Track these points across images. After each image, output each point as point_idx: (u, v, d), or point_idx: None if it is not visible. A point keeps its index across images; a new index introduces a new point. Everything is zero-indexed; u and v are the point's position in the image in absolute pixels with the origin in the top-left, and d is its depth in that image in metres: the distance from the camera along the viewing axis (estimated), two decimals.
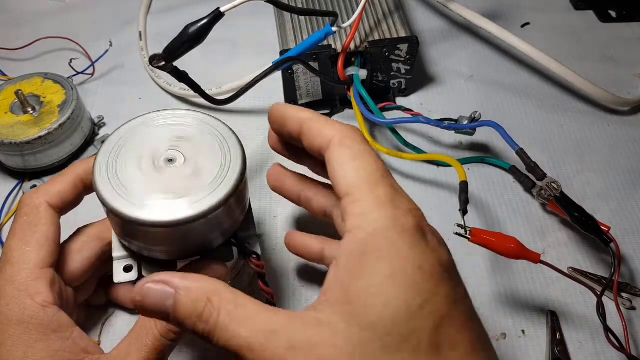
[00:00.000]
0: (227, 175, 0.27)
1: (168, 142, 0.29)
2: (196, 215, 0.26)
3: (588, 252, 0.40)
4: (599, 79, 0.49)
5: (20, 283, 0.27)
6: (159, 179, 0.27)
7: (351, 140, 0.26)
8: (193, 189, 0.27)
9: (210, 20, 0.34)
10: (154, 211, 0.26)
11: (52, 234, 0.29)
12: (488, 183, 0.45)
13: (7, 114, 0.43)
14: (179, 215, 0.26)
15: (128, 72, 0.54)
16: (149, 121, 0.30)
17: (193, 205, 0.26)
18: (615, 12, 0.59)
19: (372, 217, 0.23)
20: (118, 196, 0.26)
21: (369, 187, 0.24)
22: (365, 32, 0.47)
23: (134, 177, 0.27)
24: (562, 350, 0.35)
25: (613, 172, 0.46)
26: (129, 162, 0.28)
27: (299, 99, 0.49)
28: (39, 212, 0.29)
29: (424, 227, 0.23)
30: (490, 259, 0.40)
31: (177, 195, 0.26)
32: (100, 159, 0.28)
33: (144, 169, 0.27)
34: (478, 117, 0.43)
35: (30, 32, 0.56)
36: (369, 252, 0.22)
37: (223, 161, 0.28)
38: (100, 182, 0.27)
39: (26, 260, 0.28)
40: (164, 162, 0.28)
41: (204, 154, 0.28)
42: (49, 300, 0.28)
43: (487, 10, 0.58)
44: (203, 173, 0.28)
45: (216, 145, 0.29)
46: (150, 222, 0.26)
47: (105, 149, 0.28)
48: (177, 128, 0.30)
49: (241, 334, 0.21)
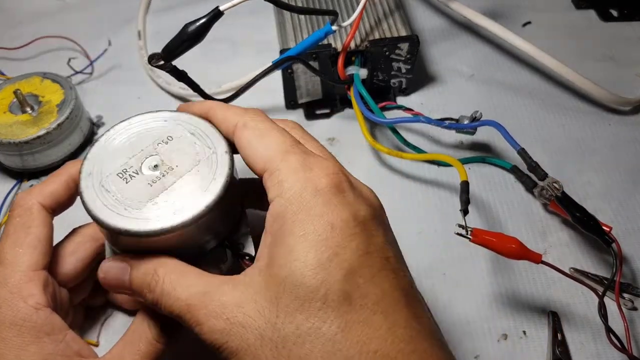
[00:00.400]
0: (215, 180, 0.27)
1: (154, 147, 0.28)
2: (184, 222, 0.25)
3: (589, 252, 0.40)
4: (600, 78, 0.49)
5: (13, 285, 0.27)
6: (144, 187, 0.26)
7: (254, 121, 0.27)
8: (180, 195, 0.26)
9: (210, 19, 0.34)
10: (139, 221, 0.25)
11: (45, 235, 0.29)
12: (489, 183, 0.45)
13: (6, 114, 0.43)
14: (166, 223, 0.25)
15: (127, 72, 0.54)
16: (144, 121, 0.29)
17: (181, 212, 0.25)
18: (616, 11, 0.59)
19: (287, 184, 0.24)
20: (103, 206, 0.26)
21: (280, 158, 0.25)
22: (366, 31, 0.46)
23: (119, 185, 0.26)
24: (564, 351, 0.35)
25: (614, 171, 0.45)
26: (113, 169, 0.27)
27: (299, 98, 0.49)
28: (31, 213, 0.29)
29: (340, 185, 0.25)
30: (492, 260, 0.40)
31: (163, 202, 0.26)
32: (85, 167, 0.27)
33: (127, 174, 0.27)
34: (479, 117, 0.43)
35: (29, 32, 0.55)
36: (287, 217, 0.24)
37: (211, 166, 0.27)
38: (83, 181, 0.27)
39: (19, 262, 0.28)
40: (150, 169, 0.27)
41: (190, 158, 0.27)
42: (42, 303, 0.27)
43: (488, 9, 0.58)
44: (189, 178, 0.27)
45: (204, 149, 0.28)
46: (135, 232, 0.25)
47: (92, 153, 0.28)
48: (164, 132, 0.29)
49: (180, 297, 0.24)
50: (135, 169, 0.27)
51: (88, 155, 0.28)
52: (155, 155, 0.28)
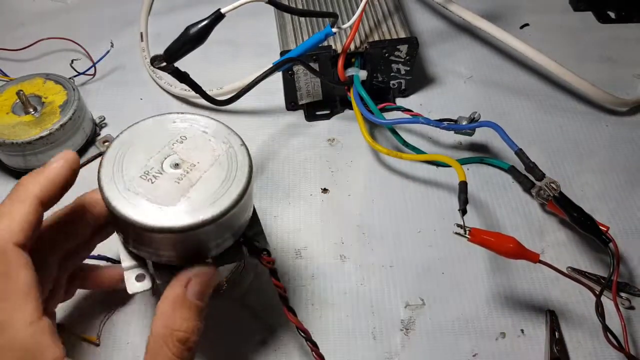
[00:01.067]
0: (240, 169, 0.28)
1: (174, 147, 0.29)
2: (228, 206, 0.26)
3: (587, 252, 0.41)
4: (598, 80, 0.49)
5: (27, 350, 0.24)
6: (171, 185, 0.27)
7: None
8: (211, 187, 0.27)
9: (211, 21, 0.35)
10: (165, 217, 0.26)
11: (31, 278, 0.25)
12: (487, 183, 0.45)
13: (9, 115, 0.44)
14: (190, 220, 0.26)
15: (129, 73, 0.55)
16: (153, 125, 0.30)
17: (220, 201, 0.26)
18: (614, 13, 0.59)
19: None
20: (127, 203, 0.26)
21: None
22: (365, 33, 0.47)
23: (141, 183, 0.27)
24: (561, 350, 0.36)
25: (612, 172, 0.46)
26: (134, 167, 0.27)
27: (299, 100, 0.49)
28: (7, 258, 0.24)
29: None
30: (490, 259, 0.40)
31: (196, 195, 0.26)
32: (105, 166, 0.27)
33: (151, 175, 0.27)
34: (477, 118, 0.43)
35: (32, 33, 0.56)
36: None
37: (230, 158, 0.28)
38: (108, 191, 0.26)
39: (15, 322, 0.24)
40: (171, 167, 0.28)
41: (209, 154, 0.28)
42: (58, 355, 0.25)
43: (486, 11, 0.58)
44: (214, 171, 0.28)
45: (220, 145, 0.29)
46: (161, 228, 0.25)
47: (110, 154, 0.28)
48: (177, 132, 0.29)
49: None
50: (158, 170, 0.27)
51: (103, 161, 0.28)
52: (174, 154, 0.28)
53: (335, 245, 0.41)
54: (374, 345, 0.37)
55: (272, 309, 0.37)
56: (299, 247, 0.41)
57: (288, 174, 0.46)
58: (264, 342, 0.37)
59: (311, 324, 0.37)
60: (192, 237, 0.26)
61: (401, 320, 0.38)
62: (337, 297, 0.39)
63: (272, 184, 0.45)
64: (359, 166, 0.46)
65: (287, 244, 0.41)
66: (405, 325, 0.37)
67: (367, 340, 0.37)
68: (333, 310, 0.38)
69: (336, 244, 0.41)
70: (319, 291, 0.39)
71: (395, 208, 0.44)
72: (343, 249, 0.41)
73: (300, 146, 0.48)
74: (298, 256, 0.41)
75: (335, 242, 0.42)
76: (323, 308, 0.38)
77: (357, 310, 0.38)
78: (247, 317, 0.38)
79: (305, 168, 0.46)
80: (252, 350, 0.36)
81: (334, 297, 0.39)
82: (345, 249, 0.41)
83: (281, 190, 0.45)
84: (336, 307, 0.38)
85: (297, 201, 0.44)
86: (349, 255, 0.41)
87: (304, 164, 0.47)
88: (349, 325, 0.37)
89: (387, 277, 0.40)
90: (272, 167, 0.46)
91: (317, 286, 0.39)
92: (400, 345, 0.37)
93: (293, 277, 0.40)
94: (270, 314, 0.37)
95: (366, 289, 0.39)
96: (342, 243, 0.42)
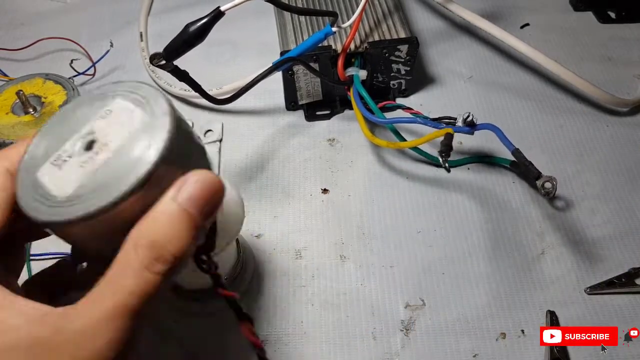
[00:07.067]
0: (150, 147, 0.21)
1: (97, 123, 0.23)
2: (73, 218, 0.20)
3: (586, 253, 0.41)
4: (598, 80, 0.49)
5: None
6: (71, 170, 0.22)
7: None
8: (110, 173, 0.21)
9: (211, 19, 0.35)
10: (48, 210, 0.21)
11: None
12: (487, 183, 0.45)
13: (8, 115, 0.44)
14: (81, 210, 0.20)
15: (129, 73, 0.54)
16: (88, 100, 0.24)
17: (105, 189, 0.21)
18: (614, 13, 0.59)
19: None
20: (28, 194, 0.22)
21: None
22: (365, 33, 0.47)
23: (49, 170, 0.22)
24: (561, 350, 0.36)
25: (612, 172, 0.46)
26: (51, 151, 0.23)
27: (299, 99, 0.49)
28: None
29: None
30: (490, 259, 0.40)
31: (79, 188, 0.21)
32: (28, 152, 0.23)
33: (61, 160, 0.23)
34: (471, 118, 0.43)
35: (32, 33, 0.56)
36: None
37: (147, 133, 0.22)
38: (18, 179, 0.22)
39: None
40: (83, 148, 0.23)
41: (126, 130, 0.23)
42: None
43: (486, 11, 0.58)
44: (123, 152, 0.22)
45: (142, 117, 0.23)
46: (44, 223, 0.21)
47: (35, 140, 0.24)
48: (113, 105, 0.24)
49: None
50: (69, 153, 0.23)
51: (28, 147, 0.23)
52: (93, 133, 0.23)
53: (335, 245, 0.41)
54: (374, 346, 0.36)
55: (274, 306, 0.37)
56: (299, 247, 0.41)
57: (288, 174, 0.46)
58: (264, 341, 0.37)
59: (311, 325, 0.37)
60: (80, 231, 0.21)
61: (401, 321, 0.38)
62: (337, 297, 0.39)
63: (272, 184, 0.45)
64: (359, 166, 0.46)
65: (287, 244, 0.41)
66: (405, 325, 0.37)
67: (367, 341, 0.37)
68: (333, 311, 0.38)
69: (336, 244, 0.41)
70: (319, 291, 0.39)
71: (395, 208, 0.44)
72: (343, 249, 0.41)
73: (300, 146, 0.48)
74: (298, 256, 0.41)
75: (335, 242, 0.42)
76: (323, 308, 0.38)
77: (357, 310, 0.38)
78: None
79: (305, 168, 0.46)
80: None
81: (334, 298, 0.39)
82: (345, 249, 0.41)
83: (281, 191, 0.45)
84: (336, 308, 0.38)
85: (297, 201, 0.44)
86: (349, 255, 0.41)
87: (304, 164, 0.47)
88: (349, 325, 0.37)
89: (387, 278, 0.40)
90: (272, 167, 0.46)
91: (317, 286, 0.39)
92: (400, 345, 0.36)
93: (293, 277, 0.40)
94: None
95: (366, 289, 0.39)
96: (342, 243, 0.41)
